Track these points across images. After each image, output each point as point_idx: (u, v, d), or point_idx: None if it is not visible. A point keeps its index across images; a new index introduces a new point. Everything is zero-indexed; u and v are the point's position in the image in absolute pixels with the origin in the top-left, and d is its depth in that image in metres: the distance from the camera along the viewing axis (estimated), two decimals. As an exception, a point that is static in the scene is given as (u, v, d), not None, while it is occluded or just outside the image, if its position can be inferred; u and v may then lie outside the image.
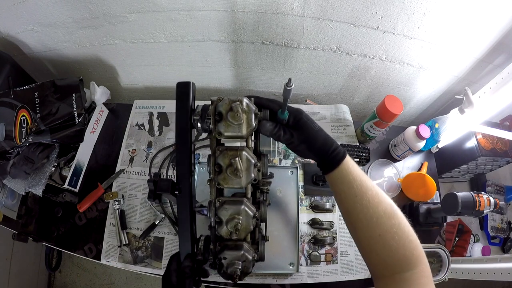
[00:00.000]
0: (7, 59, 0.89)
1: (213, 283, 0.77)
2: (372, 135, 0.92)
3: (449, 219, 0.99)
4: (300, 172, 0.89)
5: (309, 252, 0.81)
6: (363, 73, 0.97)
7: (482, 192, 0.74)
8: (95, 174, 0.92)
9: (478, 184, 1.16)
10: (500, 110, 0.81)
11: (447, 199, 0.77)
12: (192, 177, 0.50)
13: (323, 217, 0.85)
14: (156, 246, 0.83)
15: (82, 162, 0.91)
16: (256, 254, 0.52)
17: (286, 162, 0.92)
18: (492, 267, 0.72)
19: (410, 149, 0.90)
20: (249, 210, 0.49)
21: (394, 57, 0.89)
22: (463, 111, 0.81)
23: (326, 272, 0.80)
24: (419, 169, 0.96)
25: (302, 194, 0.88)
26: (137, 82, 1.14)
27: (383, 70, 0.95)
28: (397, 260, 0.45)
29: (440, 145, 0.98)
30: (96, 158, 0.95)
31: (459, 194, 0.74)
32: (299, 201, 0.84)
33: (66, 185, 0.85)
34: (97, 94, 0.96)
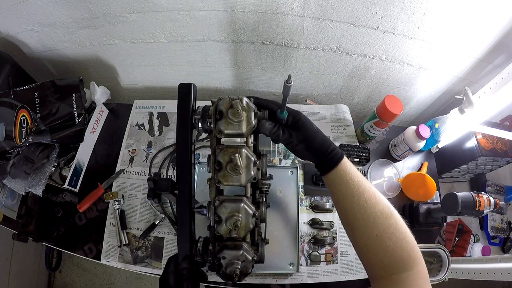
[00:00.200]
0: (7, 59, 0.89)
1: (213, 283, 0.77)
2: (372, 135, 0.92)
3: (449, 219, 0.99)
4: (300, 172, 0.89)
5: (309, 252, 0.81)
6: (363, 73, 0.97)
7: (482, 192, 0.74)
8: (95, 174, 0.92)
9: (478, 184, 1.16)
10: (500, 110, 0.81)
11: (447, 199, 0.77)
12: (192, 177, 0.50)
13: (323, 217, 0.85)
14: (156, 246, 0.83)
15: (82, 162, 0.91)
16: (255, 255, 0.51)
17: (286, 162, 0.92)
18: (492, 267, 0.72)
19: (410, 149, 0.90)
20: (248, 208, 0.49)
21: (394, 57, 0.89)
22: (463, 111, 0.81)
23: (326, 272, 0.80)
24: (419, 169, 0.96)
25: (302, 194, 0.88)
26: (137, 82, 1.14)
27: (383, 70, 0.95)
28: (394, 260, 0.45)
29: (440, 145, 0.98)
30: (96, 158, 0.95)
31: (459, 194, 0.74)
32: (299, 201, 0.84)
33: (66, 185, 0.85)
34: (97, 94, 0.96)
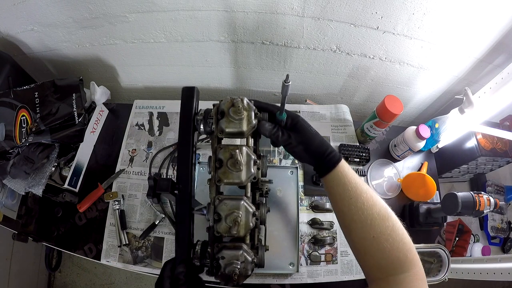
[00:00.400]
0: (7, 59, 0.89)
1: (213, 283, 0.77)
2: (372, 135, 0.92)
3: (449, 219, 0.99)
4: (300, 172, 0.89)
5: (309, 252, 0.81)
6: (363, 73, 0.97)
7: (482, 192, 0.74)
8: (95, 174, 0.92)
9: (478, 184, 1.16)
10: (500, 110, 0.81)
11: (447, 199, 0.77)
12: (192, 178, 0.50)
13: (323, 217, 0.85)
14: (156, 246, 0.83)
15: (82, 162, 0.91)
16: (255, 257, 0.49)
17: (286, 162, 0.92)
18: (492, 267, 0.72)
19: (410, 149, 0.90)
20: (248, 207, 0.48)
21: (394, 57, 0.89)
22: (463, 111, 0.81)
23: (326, 272, 0.80)
24: (419, 169, 0.96)
25: (302, 194, 0.88)
26: (137, 82, 1.14)
27: (383, 70, 0.95)
28: (391, 262, 0.45)
29: (440, 145, 0.98)
30: (96, 158, 0.95)
31: (459, 194, 0.74)
32: (299, 201, 0.84)
33: (66, 185, 0.85)
34: (97, 94, 0.96)
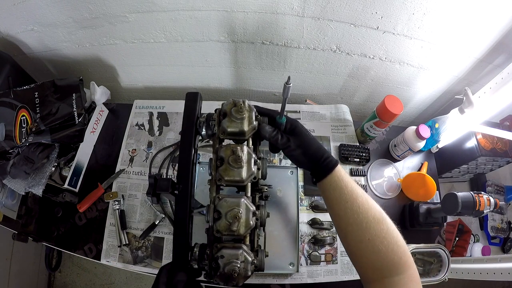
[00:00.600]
0: (7, 59, 0.89)
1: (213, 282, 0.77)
2: (372, 135, 0.92)
3: (449, 219, 0.99)
4: (300, 172, 0.89)
5: (309, 252, 0.81)
6: (363, 73, 0.97)
7: (482, 192, 0.74)
8: (95, 174, 0.92)
9: (478, 184, 1.16)
10: (500, 110, 0.81)
11: (447, 199, 0.77)
12: (192, 178, 0.50)
13: (323, 217, 0.85)
14: (156, 246, 0.83)
15: (82, 162, 0.91)
16: (255, 258, 0.48)
17: (286, 162, 0.92)
18: (492, 267, 0.72)
19: (410, 149, 0.90)
20: (249, 205, 0.48)
21: (394, 57, 0.89)
22: (463, 111, 0.81)
23: (326, 272, 0.80)
24: (419, 169, 0.96)
25: (302, 194, 0.87)
26: (137, 82, 1.14)
27: (383, 70, 0.95)
28: (386, 264, 0.46)
29: (440, 145, 0.98)
30: (96, 158, 0.95)
31: (459, 194, 0.74)
32: (299, 201, 0.84)
33: (66, 185, 0.85)
34: (97, 94, 0.96)
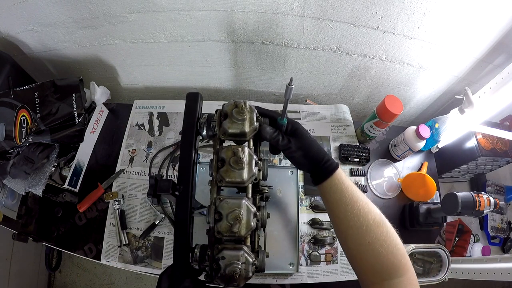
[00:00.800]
0: (7, 59, 0.89)
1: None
2: (372, 135, 0.92)
3: (449, 219, 0.99)
4: (300, 172, 0.89)
5: (309, 252, 0.81)
6: (363, 73, 0.97)
7: (482, 192, 0.74)
8: (95, 174, 0.92)
9: (478, 184, 1.16)
10: (500, 110, 0.81)
11: (447, 199, 0.77)
12: (193, 181, 0.51)
13: (323, 217, 0.85)
14: (156, 246, 0.83)
15: (82, 162, 0.91)
16: (256, 259, 0.48)
17: (286, 162, 0.92)
18: (492, 267, 0.72)
19: (410, 149, 0.90)
20: (250, 206, 0.48)
21: (394, 57, 0.89)
22: (463, 111, 0.81)
23: (326, 272, 0.80)
24: (419, 169, 0.96)
25: (302, 194, 0.88)
26: (137, 82, 1.14)
27: (383, 70, 0.95)
28: (385, 267, 0.46)
29: (440, 145, 0.98)
30: (96, 158, 0.95)
31: (459, 194, 0.74)
32: (299, 201, 0.84)
33: (66, 185, 0.85)
34: (97, 94, 0.96)
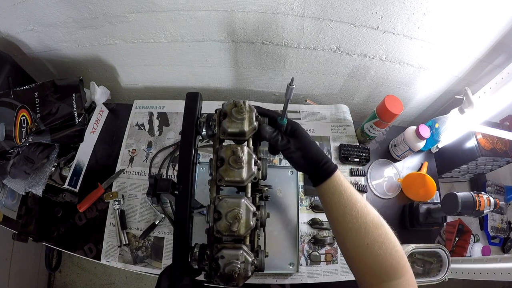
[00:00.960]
0: (7, 59, 0.89)
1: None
2: (372, 135, 0.92)
3: (449, 219, 0.99)
4: (300, 172, 0.89)
5: (309, 252, 0.81)
6: (363, 73, 0.97)
7: (482, 192, 0.74)
8: (95, 174, 0.92)
9: (478, 184, 1.16)
10: (500, 110, 0.81)
11: (447, 199, 0.77)
12: (193, 179, 0.51)
13: (323, 217, 0.85)
14: (156, 246, 0.83)
15: (82, 162, 0.91)
16: (255, 259, 0.48)
17: (286, 162, 0.91)
18: (492, 267, 0.72)
19: (410, 149, 0.90)
20: (249, 205, 0.48)
21: (394, 57, 0.89)
22: (463, 111, 0.81)
23: (326, 272, 0.80)
24: (419, 169, 0.96)
25: (302, 194, 0.87)
26: (137, 82, 1.14)
27: (383, 70, 0.95)
28: (384, 268, 0.46)
29: (440, 145, 0.98)
30: (96, 158, 0.95)
31: (459, 194, 0.74)
32: (299, 201, 0.84)
33: (66, 185, 0.85)
34: (97, 94, 0.96)
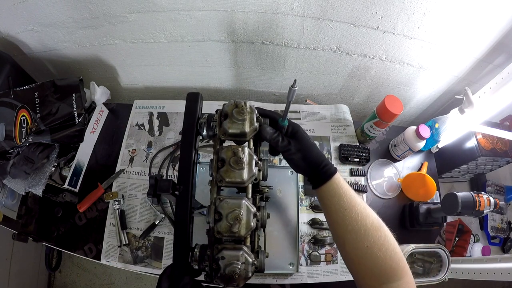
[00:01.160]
0: (7, 59, 0.89)
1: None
2: (372, 135, 0.92)
3: (449, 219, 0.99)
4: (300, 172, 0.89)
5: (309, 252, 0.81)
6: (363, 73, 0.97)
7: (482, 192, 0.74)
8: (95, 174, 0.92)
9: (478, 184, 1.16)
10: (500, 110, 0.81)
11: (447, 199, 0.77)
12: (193, 179, 0.51)
13: (323, 217, 0.85)
14: (156, 246, 0.83)
15: (82, 162, 0.91)
16: (256, 259, 0.48)
17: (286, 162, 0.91)
18: (492, 267, 0.72)
19: (410, 149, 0.90)
20: (250, 206, 0.48)
21: (394, 57, 0.89)
22: (463, 111, 0.81)
23: (326, 272, 0.80)
24: (419, 169, 0.96)
25: (302, 194, 0.87)
26: (137, 82, 1.14)
27: (383, 70, 0.95)
28: (384, 270, 0.46)
29: (440, 145, 0.98)
30: (96, 158, 0.95)
31: (459, 194, 0.74)
32: (299, 201, 0.84)
33: (66, 185, 0.85)
34: (97, 94, 0.96)
